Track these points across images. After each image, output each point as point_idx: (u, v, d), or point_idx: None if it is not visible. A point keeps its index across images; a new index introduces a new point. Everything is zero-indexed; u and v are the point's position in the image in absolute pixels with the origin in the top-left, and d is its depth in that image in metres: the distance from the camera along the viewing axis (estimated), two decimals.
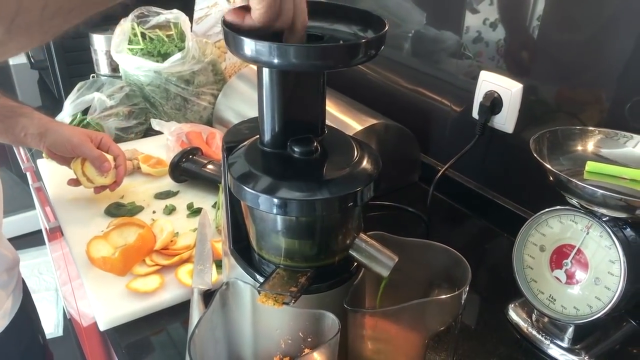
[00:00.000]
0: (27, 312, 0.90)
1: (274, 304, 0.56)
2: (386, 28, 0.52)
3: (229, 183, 0.58)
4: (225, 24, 0.52)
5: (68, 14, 0.41)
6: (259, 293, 0.57)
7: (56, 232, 1.06)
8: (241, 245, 0.65)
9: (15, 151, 1.55)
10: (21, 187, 2.26)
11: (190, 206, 1.04)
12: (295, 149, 0.57)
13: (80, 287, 1.25)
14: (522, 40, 0.93)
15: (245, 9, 0.50)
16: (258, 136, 0.61)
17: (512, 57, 0.96)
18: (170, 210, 1.02)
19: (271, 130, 0.58)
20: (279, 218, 0.57)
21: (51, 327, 2.09)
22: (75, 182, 1.01)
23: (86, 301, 1.15)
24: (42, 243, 2.08)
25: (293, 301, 0.55)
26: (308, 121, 0.60)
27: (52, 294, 2.24)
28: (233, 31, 0.50)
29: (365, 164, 0.58)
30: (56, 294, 2.23)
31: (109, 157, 1.00)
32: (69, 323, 2.04)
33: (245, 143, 0.61)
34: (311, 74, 0.57)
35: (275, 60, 0.49)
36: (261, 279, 0.60)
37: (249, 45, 0.49)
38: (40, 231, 2.04)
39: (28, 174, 1.51)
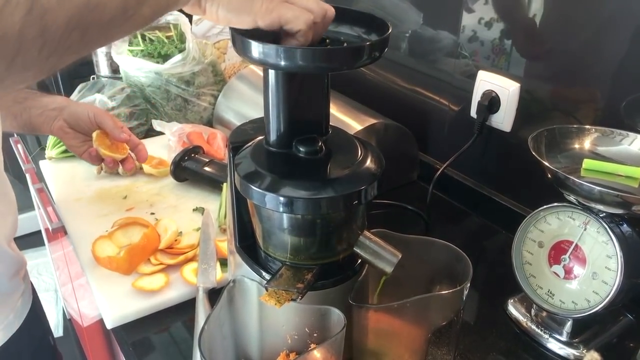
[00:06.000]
0: (36, 313, 0.90)
1: (275, 303, 0.57)
2: (389, 31, 0.53)
3: (236, 182, 0.59)
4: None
5: (63, 54, 0.44)
6: (266, 290, 0.58)
7: (58, 232, 1.07)
8: (247, 243, 0.66)
9: (15, 152, 1.55)
10: (19, 188, 2.26)
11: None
12: (301, 149, 0.58)
13: (81, 287, 1.26)
14: (519, 40, 0.94)
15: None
16: (263, 136, 0.62)
17: (509, 56, 0.97)
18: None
19: (277, 131, 0.60)
20: (285, 216, 0.58)
21: (51, 327, 2.09)
22: (98, 159, 1.03)
23: (87, 301, 1.16)
24: (41, 244, 2.08)
25: (299, 297, 0.56)
26: (313, 121, 0.61)
27: (52, 295, 2.24)
28: (240, 34, 0.52)
29: (369, 163, 0.59)
30: (56, 294, 2.23)
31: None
32: (68, 323, 2.05)
33: (250, 143, 0.63)
34: (316, 75, 0.58)
35: (282, 63, 0.50)
36: (267, 276, 0.61)
37: (257, 48, 0.51)
38: (38, 232, 2.04)
39: (28, 175, 1.52)
